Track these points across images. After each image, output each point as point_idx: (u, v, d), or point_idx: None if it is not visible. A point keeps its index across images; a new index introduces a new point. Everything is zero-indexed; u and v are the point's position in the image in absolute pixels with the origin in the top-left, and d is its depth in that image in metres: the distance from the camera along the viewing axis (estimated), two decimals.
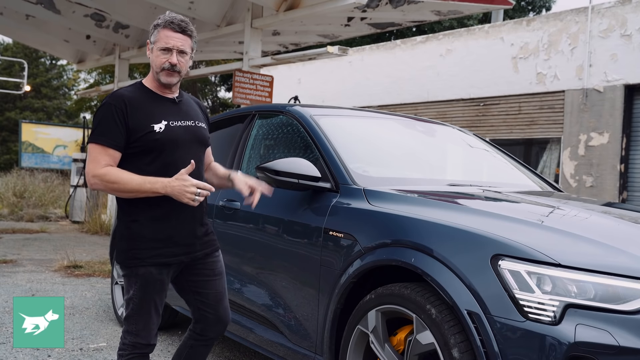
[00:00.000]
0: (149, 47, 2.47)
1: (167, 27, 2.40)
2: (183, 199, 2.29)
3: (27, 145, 17.08)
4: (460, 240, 2.33)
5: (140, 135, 2.36)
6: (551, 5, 23.50)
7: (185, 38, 2.43)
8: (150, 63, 2.47)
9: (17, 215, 12.11)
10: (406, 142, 3.89)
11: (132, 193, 2.33)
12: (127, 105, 2.37)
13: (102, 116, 2.37)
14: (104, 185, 2.33)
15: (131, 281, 2.43)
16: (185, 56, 2.44)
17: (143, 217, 2.40)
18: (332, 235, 2.82)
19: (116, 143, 2.35)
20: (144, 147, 2.38)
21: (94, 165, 2.34)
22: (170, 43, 2.39)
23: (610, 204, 3.59)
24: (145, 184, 2.30)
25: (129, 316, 2.45)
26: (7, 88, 27.26)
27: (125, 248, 2.43)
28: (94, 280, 6.22)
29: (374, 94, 12.15)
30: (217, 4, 8.68)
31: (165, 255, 2.43)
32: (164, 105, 2.46)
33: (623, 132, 8.95)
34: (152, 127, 2.37)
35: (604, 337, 1.97)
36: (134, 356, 2.46)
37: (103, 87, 13.69)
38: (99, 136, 2.35)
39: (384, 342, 2.49)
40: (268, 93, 8.44)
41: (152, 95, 2.46)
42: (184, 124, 2.47)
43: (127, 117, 2.35)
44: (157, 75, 2.43)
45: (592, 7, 9.28)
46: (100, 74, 26.96)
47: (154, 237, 2.40)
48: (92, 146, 2.37)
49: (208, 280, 2.60)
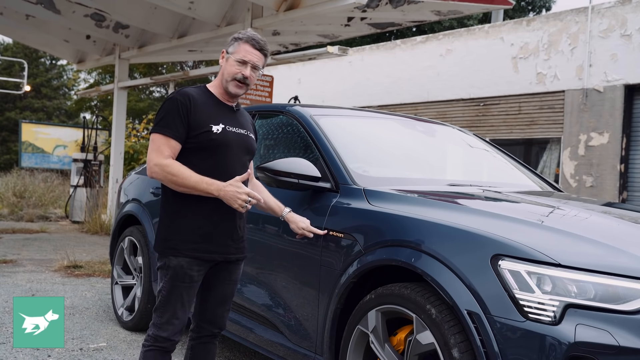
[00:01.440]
0: (224, 56, 2.60)
1: (248, 42, 2.56)
2: (234, 205, 2.42)
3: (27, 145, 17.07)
4: (460, 240, 2.33)
5: (199, 133, 2.49)
6: (551, 5, 23.50)
7: (261, 56, 2.59)
8: (221, 71, 2.60)
9: (17, 215, 12.10)
10: (406, 142, 3.89)
11: (187, 189, 2.44)
12: (191, 103, 2.50)
13: (167, 109, 2.50)
14: (164, 176, 2.44)
15: (163, 273, 2.53)
16: (256, 72, 2.59)
17: (187, 211, 2.50)
18: (332, 236, 2.82)
19: (179, 135, 2.47)
20: (199, 145, 2.50)
21: (156, 155, 2.45)
22: (247, 57, 2.54)
23: (610, 204, 3.59)
24: (202, 183, 2.42)
25: (156, 308, 2.54)
26: (7, 88, 27.27)
27: (164, 237, 2.53)
28: (94, 280, 6.22)
29: (374, 94, 12.14)
30: (217, 4, 8.67)
31: (200, 250, 2.50)
32: (224, 111, 2.60)
33: (623, 132, 8.95)
34: (211, 127, 2.51)
35: (604, 337, 1.97)
36: (154, 349, 2.53)
37: (103, 87, 13.68)
38: (163, 127, 2.47)
39: (384, 342, 2.49)
40: (268, 93, 8.44)
41: (214, 99, 2.61)
42: (237, 131, 2.60)
43: (190, 113, 2.48)
44: (226, 84, 2.57)
45: (592, 7, 9.28)
46: (100, 74, 26.99)
47: (193, 231, 2.50)
48: (156, 136, 2.48)
49: (221, 283, 2.66)
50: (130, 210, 4.55)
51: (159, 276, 2.58)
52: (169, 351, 2.56)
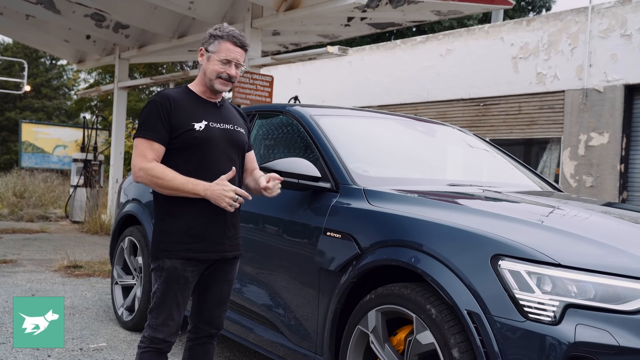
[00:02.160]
0: (204, 54, 2.56)
1: (229, 40, 2.53)
2: (221, 204, 2.40)
3: (27, 145, 17.07)
4: (460, 240, 2.33)
5: (181, 132, 2.48)
6: (551, 5, 23.50)
7: (242, 52, 2.58)
8: (202, 69, 2.57)
9: (17, 215, 12.09)
10: (406, 142, 3.89)
11: (173, 191, 2.43)
12: (172, 104, 2.49)
13: (148, 113, 2.49)
14: (149, 179, 2.44)
15: (157, 275, 2.53)
16: (240, 68, 2.58)
17: (178, 212, 2.50)
18: (332, 236, 2.82)
19: (161, 138, 2.46)
20: (183, 144, 2.49)
21: (140, 159, 2.45)
22: (231, 56, 2.52)
23: (610, 204, 3.59)
24: (187, 184, 2.41)
25: (151, 310, 2.54)
26: (7, 88, 27.26)
27: (157, 240, 2.53)
28: (94, 280, 6.22)
29: (374, 94, 12.14)
30: (217, 4, 8.67)
31: (194, 250, 2.50)
32: (207, 108, 2.58)
33: (623, 132, 8.95)
34: (193, 125, 2.49)
35: (604, 337, 1.97)
36: (150, 350, 2.54)
37: (103, 87, 13.67)
38: (145, 131, 2.47)
39: (384, 342, 2.49)
40: (268, 93, 8.44)
41: (196, 98, 2.59)
42: (222, 127, 2.58)
43: (170, 114, 2.48)
44: (210, 82, 2.55)
45: (592, 7, 9.28)
46: (100, 74, 26.97)
47: (185, 232, 2.49)
48: (139, 140, 2.48)
49: (217, 283, 2.65)
50: (130, 210, 4.55)
51: (152, 278, 2.57)
52: (164, 352, 2.56)
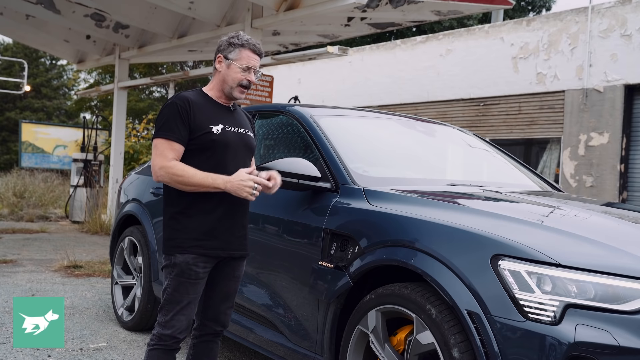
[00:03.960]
0: (223, 61, 2.64)
1: (249, 48, 2.63)
2: (242, 194, 2.47)
3: (27, 145, 17.07)
4: (460, 240, 2.33)
5: (200, 134, 2.55)
6: (551, 5, 23.50)
7: (259, 59, 2.69)
8: (221, 76, 2.64)
9: (17, 215, 12.09)
10: (406, 142, 3.89)
11: (194, 187, 2.49)
12: (191, 106, 2.56)
13: (168, 114, 2.55)
14: (170, 177, 2.50)
15: (168, 271, 2.57)
16: (257, 74, 2.69)
17: (190, 210, 2.55)
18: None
19: (181, 138, 2.53)
20: (200, 146, 2.56)
21: (161, 159, 2.51)
22: (251, 63, 2.63)
23: (610, 204, 3.59)
24: (207, 179, 2.48)
25: (161, 307, 2.58)
26: (7, 88, 27.26)
27: (169, 237, 2.58)
28: (94, 280, 6.22)
29: (374, 94, 12.14)
30: (217, 4, 8.67)
31: (205, 247, 2.55)
32: (222, 112, 2.67)
33: (623, 132, 8.95)
34: (211, 128, 2.57)
35: (604, 337, 1.97)
36: (159, 347, 2.55)
37: (103, 87, 13.67)
38: (165, 132, 2.53)
39: (384, 342, 2.49)
40: (268, 93, 8.44)
41: (212, 101, 2.67)
42: (236, 130, 2.67)
43: (190, 116, 2.54)
44: (230, 90, 2.63)
45: (592, 7, 9.28)
46: (100, 74, 26.98)
47: (197, 228, 2.54)
48: (159, 141, 2.53)
49: (224, 279, 2.69)
50: (130, 210, 4.55)
51: (163, 275, 2.61)
52: (172, 349, 2.57)
